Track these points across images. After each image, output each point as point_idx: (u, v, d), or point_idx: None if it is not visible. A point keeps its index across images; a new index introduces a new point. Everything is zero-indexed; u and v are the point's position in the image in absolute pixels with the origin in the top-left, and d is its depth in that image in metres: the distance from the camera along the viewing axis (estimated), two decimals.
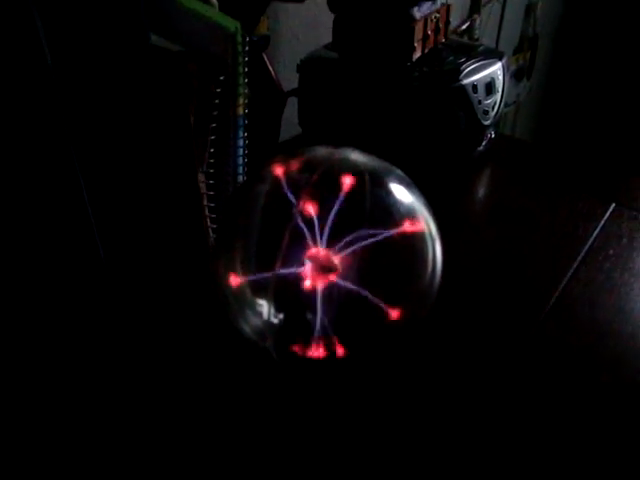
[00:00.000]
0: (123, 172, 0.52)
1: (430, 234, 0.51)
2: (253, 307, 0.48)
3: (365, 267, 0.45)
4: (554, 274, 0.74)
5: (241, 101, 0.57)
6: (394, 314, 0.49)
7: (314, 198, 0.44)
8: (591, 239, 0.80)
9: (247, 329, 0.51)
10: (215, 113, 0.55)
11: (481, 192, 0.96)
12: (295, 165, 0.46)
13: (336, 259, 0.44)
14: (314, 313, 0.45)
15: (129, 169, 0.53)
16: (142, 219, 0.55)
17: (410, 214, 0.48)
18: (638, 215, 0.85)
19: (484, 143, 0.92)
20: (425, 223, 0.50)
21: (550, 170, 0.98)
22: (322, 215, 0.43)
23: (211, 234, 0.61)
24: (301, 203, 0.44)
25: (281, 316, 0.47)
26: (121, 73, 0.48)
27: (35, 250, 0.52)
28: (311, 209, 0.44)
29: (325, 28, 0.90)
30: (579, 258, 0.76)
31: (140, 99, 0.50)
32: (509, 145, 1.09)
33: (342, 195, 0.44)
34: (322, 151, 0.49)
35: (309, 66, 0.90)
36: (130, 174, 0.53)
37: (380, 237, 0.44)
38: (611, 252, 0.78)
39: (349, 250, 0.44)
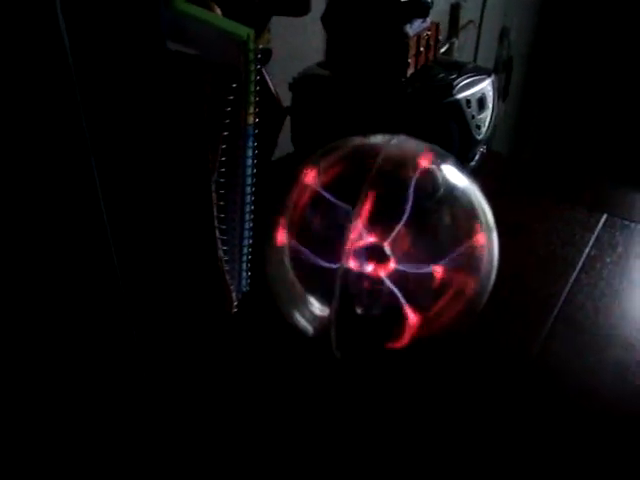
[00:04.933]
0: (137, 175, 0.51)
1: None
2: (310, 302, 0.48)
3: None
4: (557, 281, 0.74)
5: (252, 110, 0.56)
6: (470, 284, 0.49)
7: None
8: (588, 247, 0.81)
9: (304, 323, 0.51)
10: (227, 121, 0.54)
11: None
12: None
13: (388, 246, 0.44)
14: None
15: (144, 172, 0.52)
16: (155, 227, 0.54)
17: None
18: (630, 224, 0.86)
19: (476, 159, 0.93)
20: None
21: (537, 184, 1.00)
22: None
23: (220, 245, 0.60)
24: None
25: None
26: (137, 75, 0.47)
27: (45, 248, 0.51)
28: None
29: (314, 49, 0.91)
30: (578, 266, 0.77)
31: (156, 102, 0.49)
32: (496, 160, 1.11)
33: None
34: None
35: (302, 84, 0.90)
36: (145, 177, 0.52)
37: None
38: (608, 260, 0.79)
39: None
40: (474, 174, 0.95)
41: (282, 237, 0.50)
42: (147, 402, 0.58)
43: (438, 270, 0.47)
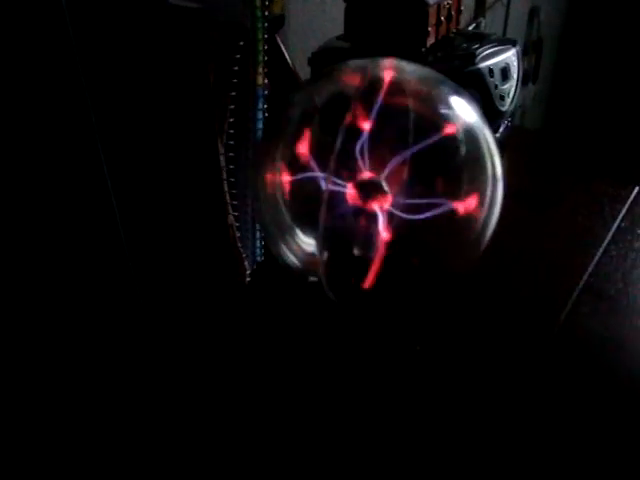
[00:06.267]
0: (143, 139, 0.50)
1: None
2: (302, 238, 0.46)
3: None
4: (586, 252, 0.72)
5: (261, 70, 0.55)
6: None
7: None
8: (618, 219, 0.78)
9: (294, 260, 0.49)
10: (235, 81, 0.53)
11: None
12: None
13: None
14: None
15: (149, 136, 0.51)
16: (163, 193, 0.53)
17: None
18: None
19: (501, 131, 0.90)
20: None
21: (567, 157, 0.97)
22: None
23: (230, 211, 0.59)
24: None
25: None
26: (140, 33, 0.46)
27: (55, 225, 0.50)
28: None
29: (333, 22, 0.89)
30: (608, 237, 0.74)
31: (160, 60, 0.48)
32: (522, 134, 1.08)
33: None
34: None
35: (321, 58, 0.89)
36: (150, 141, 0.51)
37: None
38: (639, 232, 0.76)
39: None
40: (499, 147, 0.93)
41: (272, 171, 0.49)
42: (160, 375, 0.57)
43: (437, 206, 0.45)
